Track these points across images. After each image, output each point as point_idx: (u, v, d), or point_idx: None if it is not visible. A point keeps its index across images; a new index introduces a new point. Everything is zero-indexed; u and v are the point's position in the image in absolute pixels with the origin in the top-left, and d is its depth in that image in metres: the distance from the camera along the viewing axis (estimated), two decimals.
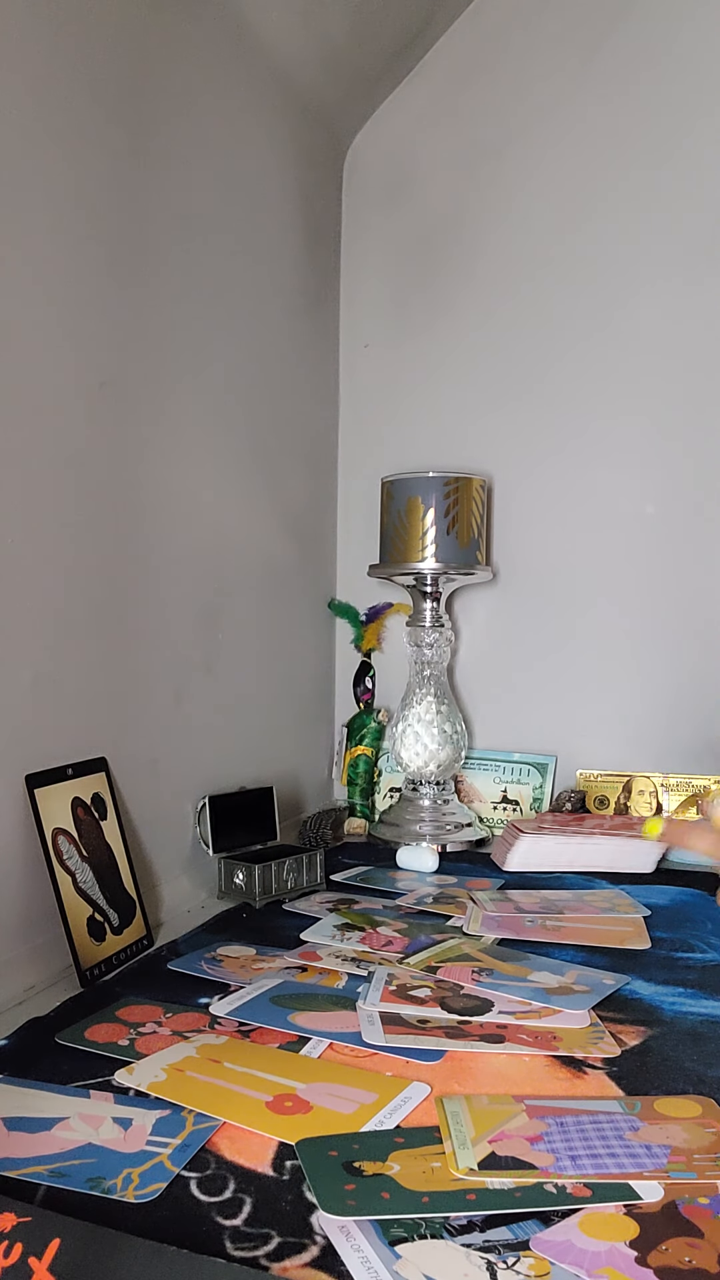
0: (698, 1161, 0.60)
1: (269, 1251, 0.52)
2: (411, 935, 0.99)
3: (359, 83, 1.47)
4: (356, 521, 1.56)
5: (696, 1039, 0.77)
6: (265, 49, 1.27)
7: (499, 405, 1.48)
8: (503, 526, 1.49)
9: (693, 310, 1.35)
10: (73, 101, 0.94)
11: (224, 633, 1.24)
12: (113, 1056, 0.73)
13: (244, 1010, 0.81)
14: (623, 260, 1.39)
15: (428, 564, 1.36)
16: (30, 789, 0.88)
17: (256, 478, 1.33)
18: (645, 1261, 0.51)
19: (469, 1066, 0.72)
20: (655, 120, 1.37)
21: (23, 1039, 0.76)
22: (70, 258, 0.95)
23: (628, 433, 1.40)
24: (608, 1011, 0.82)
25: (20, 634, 0.89)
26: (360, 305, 1.57)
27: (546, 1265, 0.51)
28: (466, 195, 1.49)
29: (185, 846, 1.15)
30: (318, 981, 0.87)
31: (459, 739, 1.41)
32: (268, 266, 1.34)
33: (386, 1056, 0.74)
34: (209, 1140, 0.62)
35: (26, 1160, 0.59)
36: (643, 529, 1.40)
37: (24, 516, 0.89)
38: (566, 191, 1.42)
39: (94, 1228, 0.50)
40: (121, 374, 1.02)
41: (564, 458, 1.44)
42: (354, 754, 1.51)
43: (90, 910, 0.91)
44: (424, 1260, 0.51)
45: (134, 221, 1.04)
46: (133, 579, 1.06)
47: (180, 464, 1.14)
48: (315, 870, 1.16)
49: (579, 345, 1.42)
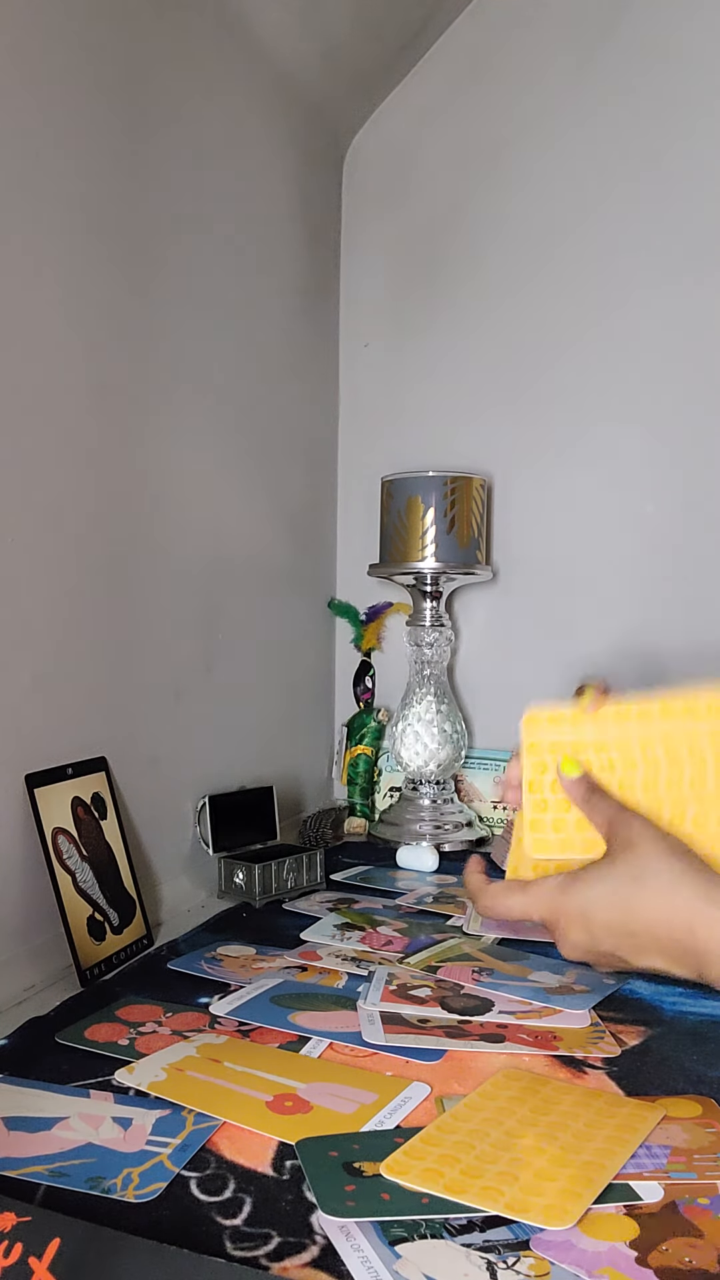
0: (698, 1161, 0.60)
1: (269, 1251, 0.52)
2: (411, 935, 0.99)
3: (359, 82, 1.47)
4: (356, 521, 1.56)
5: (697, 1039, 0.77)
6: (265, 49, 1.27)
7: (499, 405, 1.48)
8: (503, 526, 1.48)
9: (693, 310, 1.35)
10: (72, 101, 0.94)
11: (224, 632, 1.24)
12: (113, 1056, 0.73)
13: (244, 1010, 0.81)
14: (623, 259, 1.39)
15: (428, 564, 1.36)
16: (30, 788, 0.88)
17: (256, 477, 1.33)
18: (645, 1261, 0.51)
19: (469, 1066, 0.72)
20: (655, 120, 1.36)
21: (23, 1038, 0.76)
22: (70, 258, 0.95)
23: (628, 432, 1.40)
24: (608, 1011, 0.82)
25: (20, 634, 0.89)
26: (360, 305, 1.57)
27: (546, 1265, 0.51)
28: (467, 195, 1.49)
29: (185, 846, 1.15)
30: (318, 981, 0.87)
31: (459, 738, 1.41)
32: (267, 266, 1.34)
33: (386, 1056, 0.74)
34: (209, 1140, 0.62)
35: (26, 1160, 0.59)
36: (643, 529, 1.39)
37: (24, 516, 0.89)
38: (567, 191, 1.42)
39: (94, 1228, 0.50)
40: (121, 374, 1.02)
41: (564, 457, 1.44)
42: (354, 753, 1.51)
43: (90, 910, 0.91)
44: (424, 1260, 0.51)
45: (133, 221, 1.04)
46: (133, 579, 1.06)
47: (180, 463, 1.14)
48: (315, 870, 1.16)
49: (579, 344, 1.42)
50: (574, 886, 0.63)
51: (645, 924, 0.59)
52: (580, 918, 0.62)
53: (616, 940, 0.60)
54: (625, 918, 0.60)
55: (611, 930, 0.60)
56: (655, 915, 0.59)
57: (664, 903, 0.59)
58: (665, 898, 0.59)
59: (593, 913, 0.61)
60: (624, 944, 0.60)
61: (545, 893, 0.64)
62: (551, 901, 0.64)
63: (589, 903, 0.61)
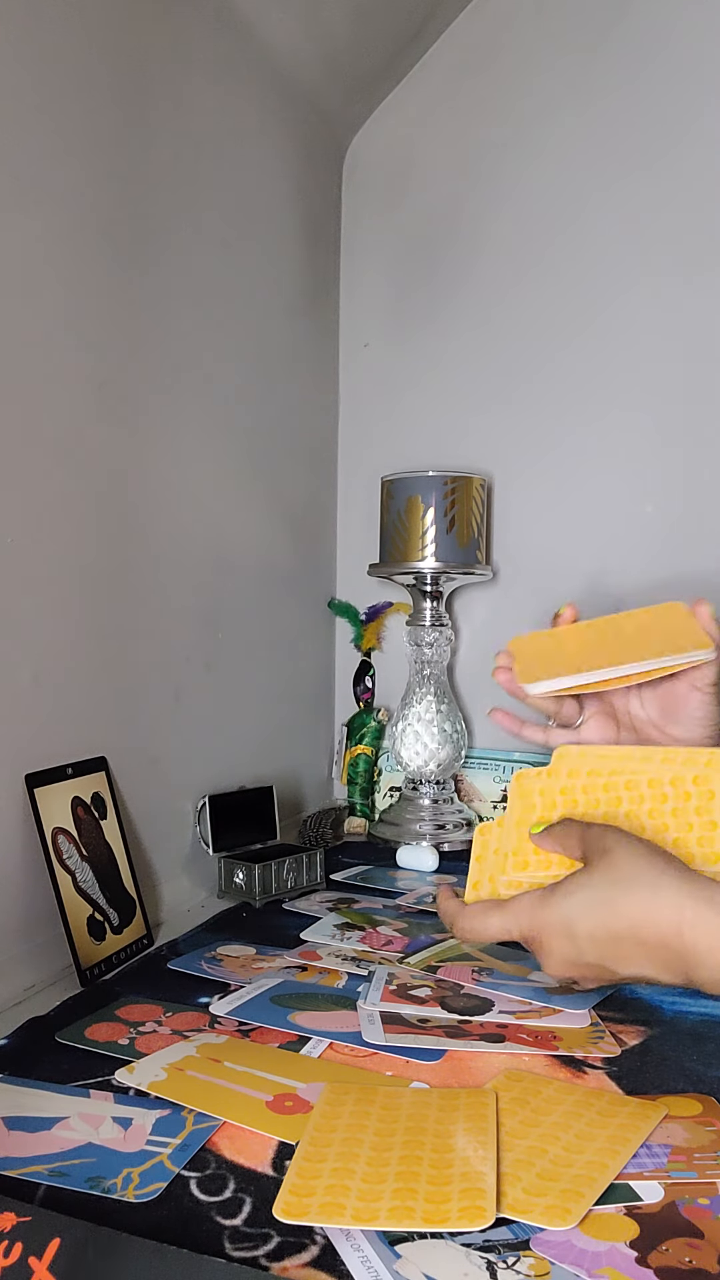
0: (698, 1160, 0.60)
1: (269, 1251, 0.52)
2: (412, 934, 0.99)
3: (359, 82, 1.47)
4: (356, 521, 1.56)
5: (697, 1038, 0.77)
6: (265, 49, 1.27)
7: (499, 404, 1.48)
8: (503, 526, 1.48)
9: (693, 308, 1.35)
10: (71, 101, 0.94)
11: (224, 632, 1.24)
12: (113, 1056, 0.73)
13: (244, 1009, 0.81)
14: (622, 258, 1.39)
15: (428, 563, 1.36)
16: (30, 788, 0.88)
17: (256, 477, 1.33)
18: (645, 1261, 0.51)
19: (469, 1066, 0.72)
20: (655, 119, 1.36)
21: (22, 1038, 0.76)
22: (70, 258, 0.95)
23: (628, 432, 1.40)
24: (608, 1011, 0.82)
25: (20, 634, 0.89)
26: (360, 304, 1.57)
27: (546, 1265, 0.51)
28: (467, 194, 1.49)
29: (185, 846, 1.15)
30: (318, 981, 0.87)
31: (459, 738, 1.41)
32: (267, 265, 1.34)
33: (386, 1056, 0.74)
34: (209, 1140, 0.62)
35: (26, 1160, 0.59)
36: (642, 528, 1.39)
37: (24, 516, 0.89)
38: (566, 190, 1.42)
39: (94, 1227, 0.50)
40: (121, 374, 1.02)
41: (564, 457, 1.44)
42: (354, 753, 1.51)
43: (90, 910, 0.91)
44: (424, 1260, 0.51)
45: (133, 221, 1.04)
46: (133, 578, 1.05)
47: (180, 463, 1.14)
48: (315, 869, 1.16)
49: (579, 344, 1.42)
50: (553, 898, 0.62)
51: (629, 927, 0.58)
52: (563, 928, 0.61)
53: (600, 949, 0.60)
54: (608, 923, 0.59)
55: (595, 938, 0.60)
56: (639, 917, 0.58)
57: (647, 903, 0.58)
58: (647, 898, 0.58)
59: (575, 921, 0.60)
60: (609, 952, 0.59)
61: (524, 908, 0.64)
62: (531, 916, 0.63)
63: (570, 911, 0.61)
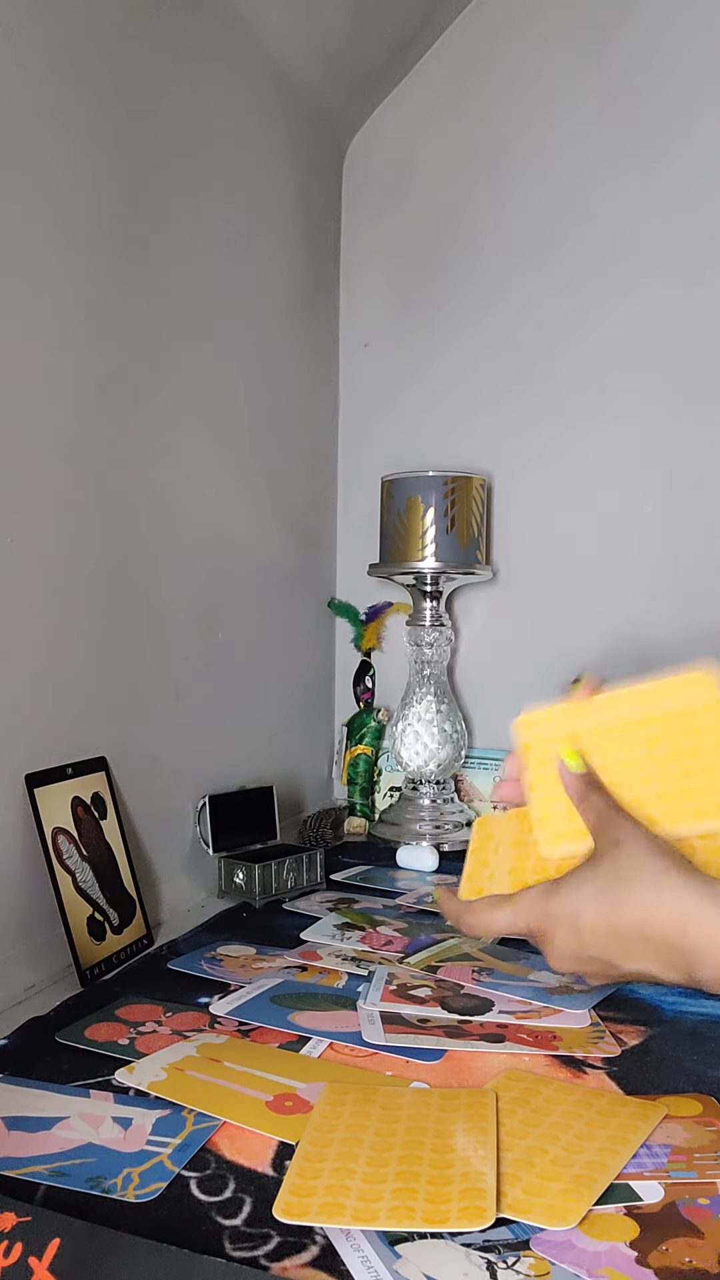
0: (698, 1160, 0.60)
1: (269, 1251, 0.52)
2: (412, 934, 0.99)
3: (359, 83, 1.47)
4: (356, 521, 1.56)
5: (696, 1038, 0.77)
6: (265, 49, 1.27)
7: (499, 404, 1.48)
8: (502, 526, 1.48)
9: (694, 309, 1.35)
10: (72, 101, 0.94)
11: (224, 632, 1.24)
12: (113, 1056, 0.73)
13: (244, 1010, 0.81)
14: (621, 258, 1.39)
15: (428, 563, 1.36)
16: (30, 788, 0.88)
17: (256, 477, 1.33)
18: (645, 1261, 0.51)
19: (469, 1066, 0.72)
20: (654, 119, 1.36)
21: (23, 1038, 0.76)
22: (70, 258, 0.95)
23: (628, 431, 1.40)
24: (608, 1011, 0.82)
25: (20, 633, 0.89)
26: (360, 304, 1.57)
27: (546, 1265, 0.51)
28: (466, 194, 1.49)
29: (185, 846, 1.15)
30: (318, 981, 0.87)
31: (459, 738, 1.41)
32: (267, 266, 1.34)
33: (386, 1056, 0.74)
34: (209, 1140, 0.62)
35: (26, 1160, 0.59)
36: (643, 528, 1.39)
37: (24, 516, 0.89)
38: (566, 190, 1.42)
39: (94, 1227, 0.50)
40: (121, 374, 1.02)
41: (564, 456, 1.44)
42: (354, 753, 1.51)
43: (90, 910, 0.91)
44: (424, 1260, 0.51)
45: (133, 221, 1.04)
46: (133, 578, 1.05)
47: (180, 463, 1.14)
48: (315, 869, 1.16)
49: (579, 344, 1.42)
50: (560, 891, 0.62)
51: (634, 922, 0.58)
52: (568, 921, 0.61)
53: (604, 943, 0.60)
54: (613, 917, 0.59)
55: (599, 932, 0.60)
56: (644, 913, 0.58)
57: (652, 900, 0.58)
58: (653, 895, 0.58)
59: (580, 914, 0.60)
60: (612, 947, 0.60)
61: (530, 901, 0.64)
62: (538, 909, 0.63)
63: (576, 904, 0.61)
